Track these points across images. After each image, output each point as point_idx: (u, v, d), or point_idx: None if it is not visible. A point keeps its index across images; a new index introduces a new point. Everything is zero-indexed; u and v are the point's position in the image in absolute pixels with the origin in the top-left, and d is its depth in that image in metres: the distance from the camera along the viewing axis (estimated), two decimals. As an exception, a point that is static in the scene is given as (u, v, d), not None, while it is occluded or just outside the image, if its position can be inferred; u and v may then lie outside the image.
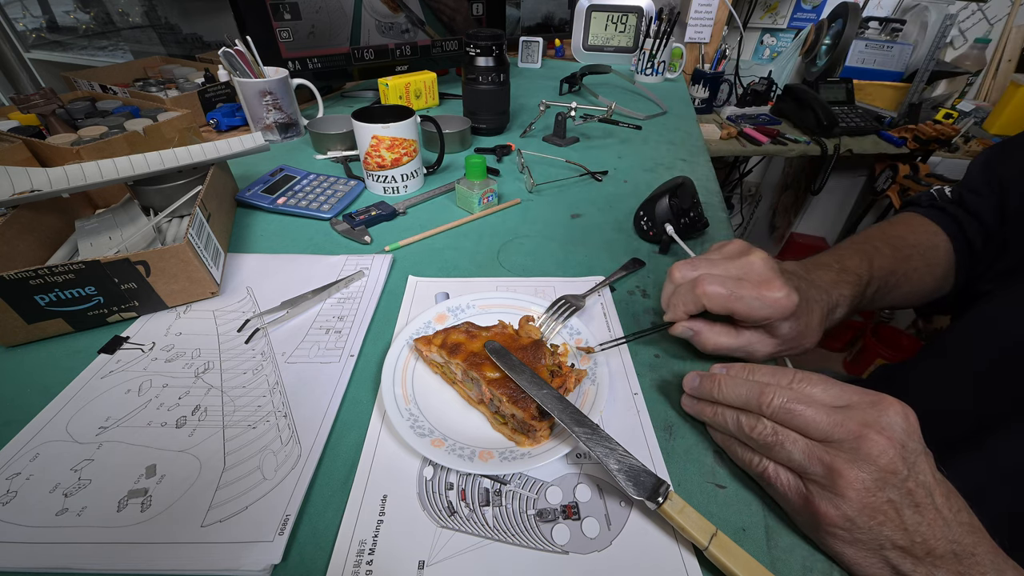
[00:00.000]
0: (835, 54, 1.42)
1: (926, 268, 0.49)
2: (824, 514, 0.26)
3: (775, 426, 0.28)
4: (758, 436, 0.29)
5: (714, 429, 0.34)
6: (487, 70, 0.77)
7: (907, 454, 0.25)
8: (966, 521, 0.25)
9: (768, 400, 0.29)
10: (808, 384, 0.29)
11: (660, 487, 0.28)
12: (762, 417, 0.29)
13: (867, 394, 0.28)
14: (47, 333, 0.42)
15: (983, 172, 0.51)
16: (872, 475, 0.25)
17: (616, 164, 0.77)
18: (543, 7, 1.51)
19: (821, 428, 0.27)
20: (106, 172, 0.52)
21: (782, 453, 0.28)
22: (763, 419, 0.29)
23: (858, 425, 0.26)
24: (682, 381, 0.36)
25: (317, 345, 0.42)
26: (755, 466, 0.30)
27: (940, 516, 0.25)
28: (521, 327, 0.41)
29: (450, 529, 0.29)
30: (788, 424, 0.28)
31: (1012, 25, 1.42)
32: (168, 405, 0.36)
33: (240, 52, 0.73)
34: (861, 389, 0.28)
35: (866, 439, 0.25)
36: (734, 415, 0.31)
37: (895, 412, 0.26)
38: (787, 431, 0.28)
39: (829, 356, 1.71)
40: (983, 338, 0.44)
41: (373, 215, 0.59)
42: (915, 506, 0.25)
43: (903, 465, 0.25)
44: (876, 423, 0.26)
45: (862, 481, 0.25)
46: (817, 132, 1.31)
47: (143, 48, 1.44)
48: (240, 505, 0.30)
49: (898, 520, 0.25)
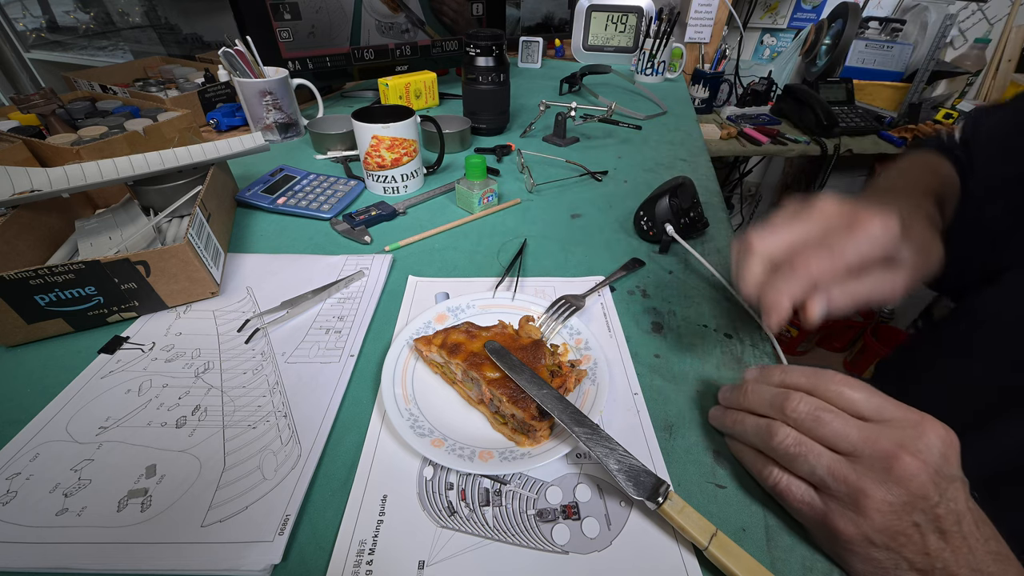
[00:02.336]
0: (835, 54, 1.42)
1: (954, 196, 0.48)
2: (842, 531, 0.25)
3: (798, 436, 0.27)
4: (779, 445, 0.27)
5: (731, 439, 0.33)
6: (487, 70, 0.77)
7: (940, 480, 0.24)
8: (994, 550, 0.25)
9: (794, 406, 0.27)
10: (850, 388, 0.27)
11: (660, 487, 0.28)
12: (785, 425, 0.28)
13: (910, 412, 0.26)
14: (47, 333, 0.42)
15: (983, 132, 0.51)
16: (900, 498, 0.24)
17: (616, 164, 0.77)
18: (543, 7, 1.51)
19: (850, 441, 0.25)
20: (106, 172, 0.52)
21: (804, 466, 0.27)
22: (785, 427, 0.28)
23: (892, 445, 0.24)
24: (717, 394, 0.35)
25: (317, 345, 0.42)
26: (769, 479, 0.29)
27: (966, 543, 0.24)
28: (521, 327, 0.41)
29: (450, 529, 0.29)
30: (814, 434, 0.27)
31: (1012, 25, 1.42)
32: (168, 405, 0.36)
33: (240, 52, 0.73)
34: (905, 406, 0.27)
35: (898, 461, 0.24)
36: (755, 422, 0.30)
37: (935, 435, 0.25)
38: (811, 443, 0.27)
39: (829, 356, 1.71)
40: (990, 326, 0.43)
41: (373, 215, 0.59)
42: (941, 532, 0.24)
43: (934, 491, 0.24)
44: (911, 445, 0.24)
45: (888, 504, 0.24)
46: (817, 132, 1.31)
47: (143, 48, 1.44)
48: (240, 505, 0.30)
49: (921, 544, 0.24)
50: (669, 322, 0.45)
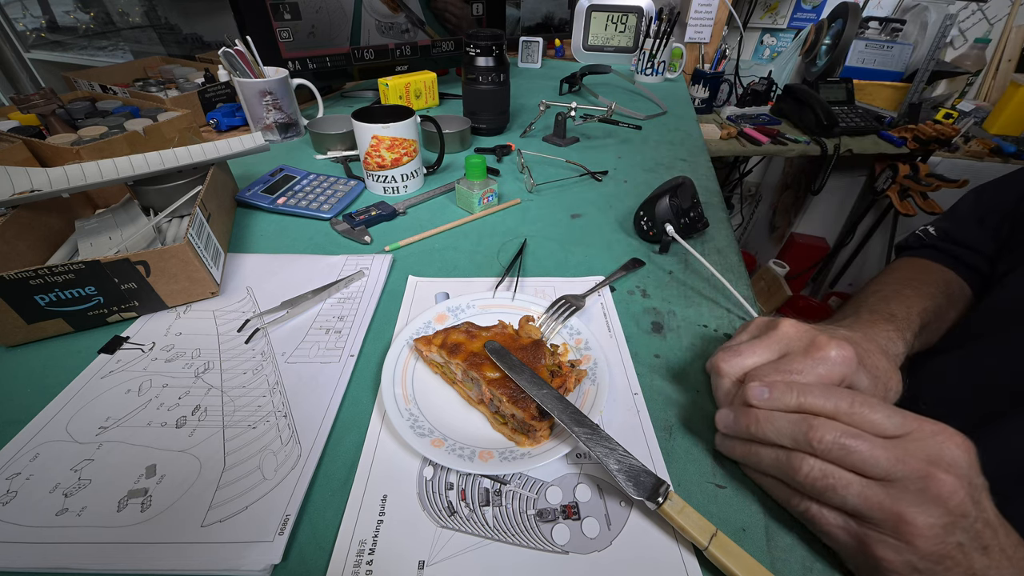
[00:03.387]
0: (835, 54, 1.42)
1: (948, 304, 0.49)
2: (884, 559, 0.24)
3: (824, 466, 0.25)
4: (804, 479, 0.26)
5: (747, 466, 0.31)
6: (487, 70, 0.77)
7: (974, 491, 0.23)
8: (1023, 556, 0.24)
9: (819, 437, 0.25)
10: (870, 409, 0.26)
11: (660, 487, 0.28)
12: (808, 457, 0.26)
13: (926, 422, 0.25)
14: (47, 333, 0.42)
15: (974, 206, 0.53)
16: (942, 520, 0.23)
17: (616, 164, 0.77)
18: (543, 7, 1.51)
19: (881, 466, 0.24)
20: (106, 172, 0.52)
21: (834, 498, 0.25)
22: (808, 459, 0.26)
23: (923, 462, 0.23)
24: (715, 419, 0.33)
25: (317, 345, 0.42)
26: (797, 507, 0.28)
27: (1005, 556, 0.24)
28: (521, 327, 0.41)
29: (450, 529, 0.29)
30: (842, 463, 0.25)
31: (1012, 25, 1.42)
32: (168, 405, 0.36)
33: (240, 52, 0.73)
34: (918, 417, 0.26)
35: (934, 479, 0.23)
36: (772, 454, 0.28)
37: (957, 445, 0.24)
38: (838, 472, 0.25)
39: (829, 356, 1.70)
40: None
41: (373, 215, 0.59)
42: (983, 548, 0.23)
43: (972, 506, 0.23)
44: (941, 460, 0.23)
45: (931, 528, 0.23)
46: (817, 132, 1.31)
47: (143, 48, 1.44)
48: (240, 505, 0.30)
49: (966, 564, 0.23)
50: (669, 322, 0.45)
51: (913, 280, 0.50)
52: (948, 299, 0.49)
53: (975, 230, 0.52)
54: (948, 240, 0.54)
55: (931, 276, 0.51)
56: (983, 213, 0.53)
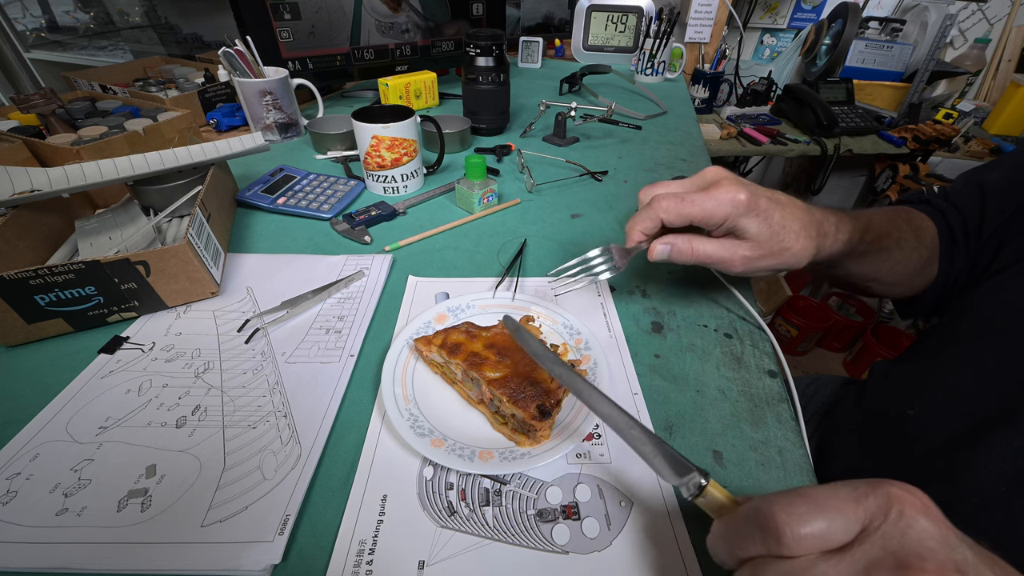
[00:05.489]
0: (835, 54, 1.42)
1: (916, 241, 0.49)
2: None
3: None
4: None
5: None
6: (487, 70, 0.77)
7: (960, 565, 0.18)
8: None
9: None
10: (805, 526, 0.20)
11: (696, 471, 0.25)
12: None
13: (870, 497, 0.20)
14: (47, 333, 0.42)
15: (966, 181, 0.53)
16: None
17: (616, 164, 0.77)
18: (543, 7, 1.51)
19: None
20: (106, 172, 0.52)
21: None
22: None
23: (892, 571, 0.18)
24: None
25: (317, 345, 0.42)
26: None
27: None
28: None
29: (450, 529, 0.29)
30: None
31: (1012, 25, 1.42)
32: (168, 405, 0.36)
33: (240, 52, 0.73)
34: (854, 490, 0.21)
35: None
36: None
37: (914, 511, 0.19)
38: None
39: (829, 356, 1.71)
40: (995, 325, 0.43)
41: (373, 215, 0.59)
42: None
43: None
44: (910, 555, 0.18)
45: None
46: (817, 132, 1.31)
47: (143, 48, 1.45)
48: (240, 505, 0.30)
49: None
50: (669, 322, 0.45)
51: (888, 210, 0.50)
52: (916, 235, 0.49)
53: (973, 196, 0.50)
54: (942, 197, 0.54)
55: (910, 215, 0.51)
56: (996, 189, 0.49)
